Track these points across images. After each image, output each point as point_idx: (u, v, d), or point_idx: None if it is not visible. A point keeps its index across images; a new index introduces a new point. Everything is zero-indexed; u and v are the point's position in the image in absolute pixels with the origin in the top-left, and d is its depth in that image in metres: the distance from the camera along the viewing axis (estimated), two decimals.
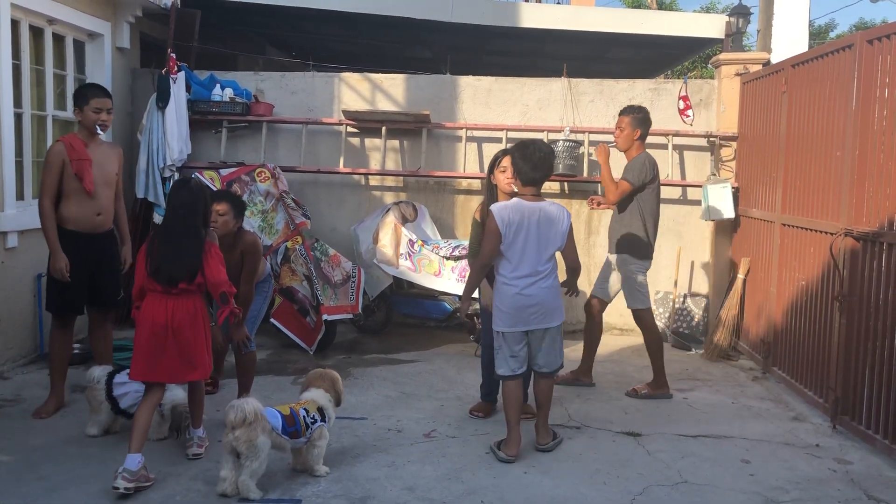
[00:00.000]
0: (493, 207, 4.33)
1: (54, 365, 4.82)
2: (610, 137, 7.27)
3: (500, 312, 4.32)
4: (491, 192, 4.87)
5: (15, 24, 5.72)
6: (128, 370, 4.15)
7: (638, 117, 5.59)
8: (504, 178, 4.75)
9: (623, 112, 5.66)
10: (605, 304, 5.73)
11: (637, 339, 7.16)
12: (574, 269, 4.47)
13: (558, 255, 4.38)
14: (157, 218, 6.88)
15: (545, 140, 7.21)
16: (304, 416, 3.81)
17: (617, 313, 7.42)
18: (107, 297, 4.91)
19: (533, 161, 4.30)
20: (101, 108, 4.74)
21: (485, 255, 4.35)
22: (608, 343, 7.06)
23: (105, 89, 4.91)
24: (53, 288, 4.73)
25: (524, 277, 4.27)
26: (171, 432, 4.37)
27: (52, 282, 4.70)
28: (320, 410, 3.93)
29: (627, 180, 5.45)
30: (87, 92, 4.80)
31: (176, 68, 6.95)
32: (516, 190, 4.47)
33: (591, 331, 5.74)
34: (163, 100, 6.82)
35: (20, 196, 5.83)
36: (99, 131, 4.76)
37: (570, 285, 4.51)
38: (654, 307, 7.32)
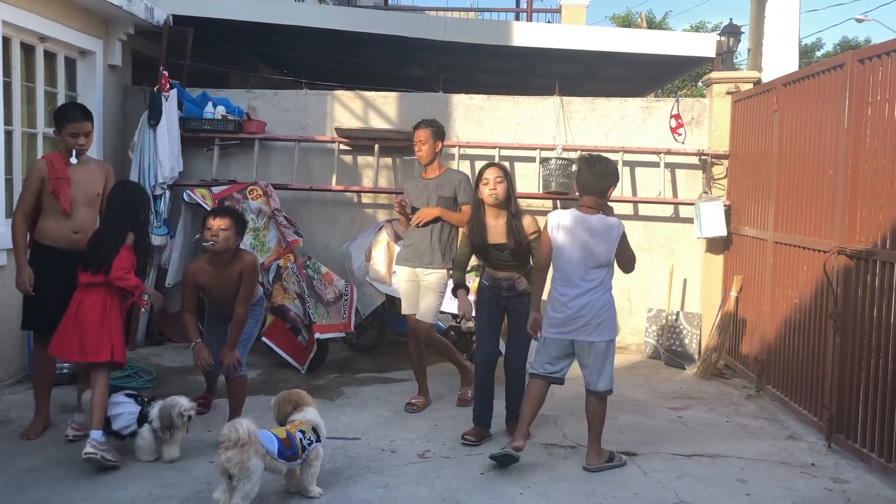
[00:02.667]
0: (550, 214, 4.54)
1: (37, 384, 4.77)
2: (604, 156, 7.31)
3: (546, 316, 4.49)
4: (478, 207, 4.85)
5: (6, 41, 5.71)
6: (123, 392, 4.41)
7: (438, 130, 5.58)
8: (487, 191, 4.76)
9: (423, 125, 5.56)
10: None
11: (630, 357, 7.16)
12: (627, 271, 4.58)
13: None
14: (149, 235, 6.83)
15: (537, 158, 7.23)
16: (300, 439, 3.77)
17: None
18: None
19: (594, 171, 4.42)
20: (78, 133, 4.65)
21: (539, 260, 4.58)
22: None
23: (84, 111, 4.79)
24: (28, 304, 4.70)
25: (569, 286, 4.38)
26: (163, 432, 4.24)
27: (28, 298, 4.67)
28: (315, 430, 3.89)
29: (469, 202, 5.25)
30: (64, 115, 4.71)
31: (168, 86, 6.94)
32: (498, 202, 4.76)
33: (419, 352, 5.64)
34: (154, 117, 6.80)
35: (9, 214, 5.78)
36: (74, 160, 4.65)
37: None
38: (646, 325, 7.33)
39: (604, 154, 7.30)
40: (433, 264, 5.39)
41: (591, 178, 4.40)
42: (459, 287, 4.99)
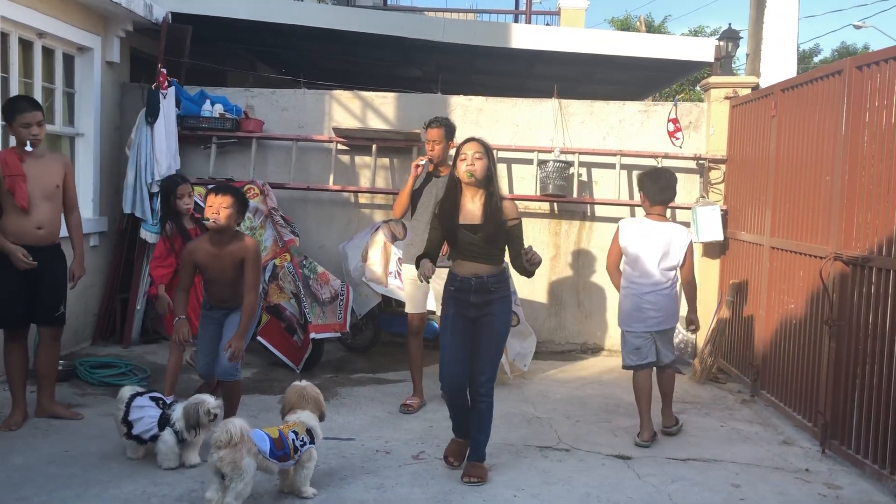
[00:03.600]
0: (620, 223, 5.13)
1: (11, 378, 4.79)
2: (601, 159, 7.32)
3: (623, 314, 5.08)
4: (454, 185, 4.25)
5: (4, 36, 5.69)
6: (147, 394, 4.36)
7: (450, 129, 5.56)
8: (464, 168, 4.18)
9: (435, 123, 5.50)
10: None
11: None
12: (686, 285, 5.16)
13: None
14: (144, 233, 6.83)
15: (535, 160, 7.23)
16: (293, 440, 3.76)
17: (606, 335, 7.43)
18: (44, 311, 4.80)
19: (660, 184, 5.04)
20: (31, 123, 4.57)
21: (608, 265, 5.19)
22: (597, 365, 7.05)
23: (34, 101, 4.76)
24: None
25: (646, 286, 4.98)
26: (188, 431, 4.12)
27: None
28: (309, 432, 3.88)
29: None
30: (13, 106, 4.63)
31: (166, 83, 6.92)
32: (475, 179, 4.13)
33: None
34: (152, 115, 6.78)
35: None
36: (29, 148, 4.58)
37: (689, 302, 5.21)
38: (673, 343, 7.30)
39: (602, 157, 7.35)
40: (442, 263, 5.30)
41: (655, 191, 5.04)
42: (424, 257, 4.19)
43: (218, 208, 4.37)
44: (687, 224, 7.15)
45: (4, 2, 5.52)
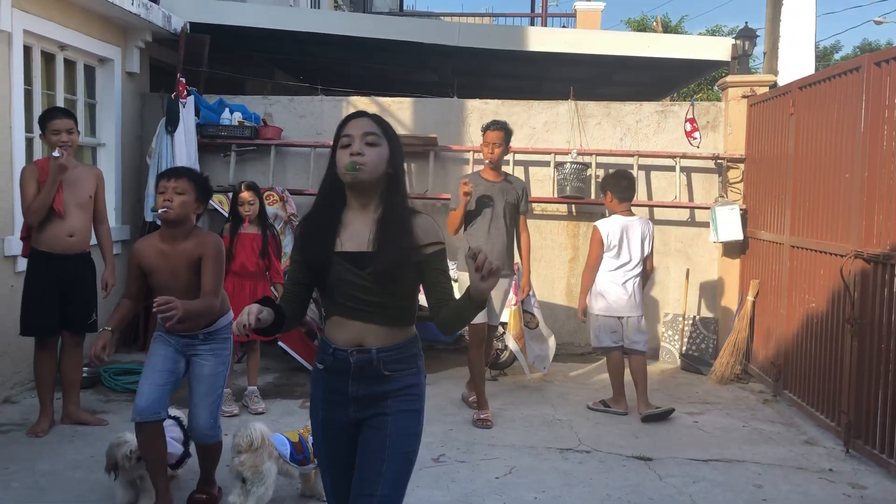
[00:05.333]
0: (597, 223, 5.58)
1: (41, 385, 4.86)
2: (618, 160, 7.30)
3: (604, 301, 5.52)
4: (330, 185, 2.89)
5: (27, 49, 5.78)
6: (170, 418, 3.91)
7: (509, 132, 5.42)
8: (346, 157, 4.02)
9: (494, 126, 5.36)
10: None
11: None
12: (651, 272, 5.72)
13: None
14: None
15: (552, 162, 7.23)
16: (312, 443, 3.78)
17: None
18: (75, 319, 4.90)
19: (623, 184, 5.61)
20: (60, 130, 4.69)
21: (593, 263, 5.56)
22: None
23: (64, 110, 4.94)
24: (26, 311, 4.78)
25: (628, 274, 5.51)
26: (108, 472, 3.75)
27: (26, 305, 4.75)
28: None
29: (526, 212, 5.57)
30: (44, 116, 4.80)
31: (185, 92, 7.00)
32: (363, 177, 2.41)
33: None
34: (172, 124, 6.86)
35: None
36: (56, 154, 4.65)
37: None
38: (662, 329, 7.31)
39: (619, 158, 7.35)
40: (504, 270, 5.28)
41: (620, 190, 5.59)
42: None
43: (171, 194, 3.52)
44: (706, 224, 7.14)
45: (27, 16, 5.62)
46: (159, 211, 3.52)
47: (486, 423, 5.17)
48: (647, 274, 5.67)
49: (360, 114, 2.48)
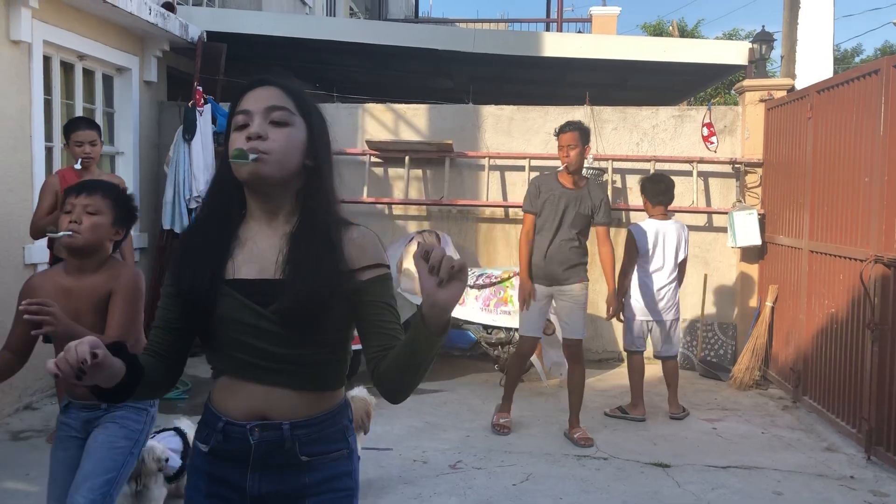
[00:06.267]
0: (630, 227, 5.65)
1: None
2: (635, 165, 7.28)
3: (638, 305, 5.57)
4: (219, 189, 2.78)
5: (47, 59, 5.85)
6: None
7: (585, 132, 5.08)
8: (240, 139, 4.26)
9: (568, 128, 5.04)
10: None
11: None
12: (683, 275, 5.71)
13: None
14: None
15: None
16: None
17: None
18: None
19: (660, 187, 5.66)
20: (83, 141, 4.72)
21: (628, 268, 5.60)
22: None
23: (89, 121, 4.96)
24: None
25: (662, 279, 5.56)
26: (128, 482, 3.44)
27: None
28: None
29: (607, 224, 5.19)
30: (68, 126, 4.85)
31: (202, 101, 7.05)
32: (261, 172, 2.11)
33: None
34: (189, 132, 6.92)
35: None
36: (78, 166, 4.71)
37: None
38: (680, 335, 7.26)
39: (635, 163, 7.33)
40: (572, 279, 5.04)
41: (656, 194, 5.66)
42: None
43: (80, 214, 2.67)
44: (724, 229, 7.09)
45: (47, 27, 5.69)
46: (60, 234, 2.66)
47: (503, 429, 5.12)
48: (681, 278, 5.70)
49: (264, 81, 1.75)
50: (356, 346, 5.88)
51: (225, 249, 1.69)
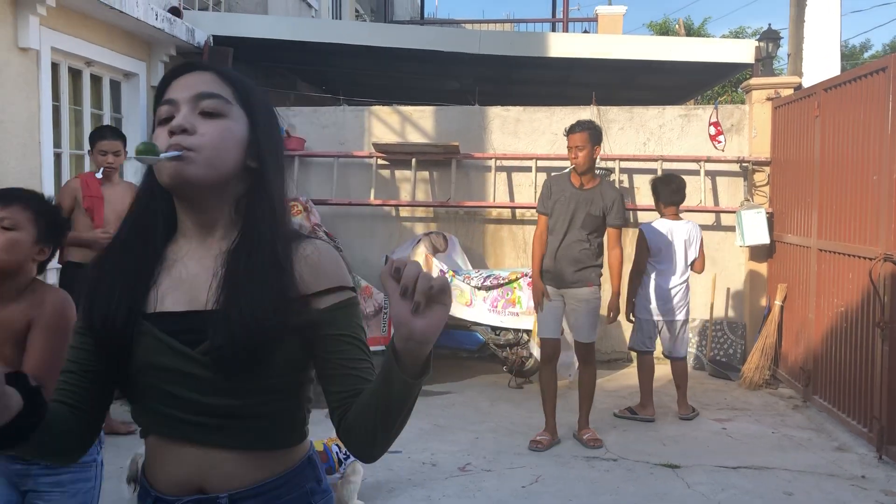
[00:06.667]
0: (642, 227, 5.66)
1: None
2: (641, 165, 7.26)
3: (650, 305, 5.57)
4: (147, 199, 2.96)
5: (55, 66, 5.88)
6: None
7: (596, 133, 4.96)
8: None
9: (578, 128, 4.93)
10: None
11: None
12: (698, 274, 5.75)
13: None
14: None
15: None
16: (336, 452, 3.81)
17: None
18: None
19: (671, 187, 5.67)
20: (107, 151, 4.83)
21: (640, 267, 5.60)
22: None
23: (115, 131, 5.05)
24: None
25: (674, 278, 5.56)
26: (129, 483, 3.69)
27: None
28: None
29: (619, 226, 5.04)
30: (94, 134, 4.93)
31: None
32: (186, 175, 2.37)
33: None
34: None
35: None
36: (99, 175, 4.79)
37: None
38: (689, 335, 7.24)
39: (643, 163, 7.31)
40: (580, 282, 4.93)
41: (668, 193, 5.66)
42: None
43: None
44: (732, 228, 7.07)
45: (55, 33, 5.72)
46: None
47: (538, 444, 4.89)
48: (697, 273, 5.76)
49: (193, 65, 1.41)
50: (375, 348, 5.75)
51: (147, 274, 1.34)
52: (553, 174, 5.57)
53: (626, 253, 5.26)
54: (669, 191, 5.67)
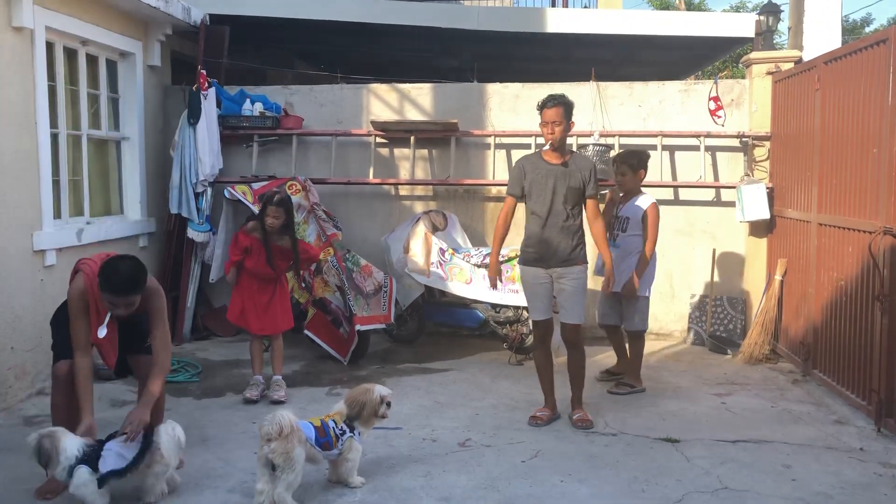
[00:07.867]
0: (654, 200, 5.67)
1: (84, 392, 3.99)
2: (641, 140, 7.22)
3: (652, 282, 5.76)
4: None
5: (50, 46, 5.84)
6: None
7: (569, 107, 4.87)
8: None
9: (552, 102, 4.83)
10: None
11: (673, 343, 7.09)
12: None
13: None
14: (191, 232, 6.99)
15: (574, 144, 7.17)
16: (333, 428, 3.84)
17: (652, 318, 7.35)
18: (130, 344, 4.23)
19: (644, 158, 5.81)
20: (116, 305, 3.88)
21: (655, 241, 5.64)
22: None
23: (125, 286, 3.83)
24: (63, 337, 4.08)
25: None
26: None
27: (63, 331, 4.09)
28: (348, 422, 3.93)
29: (596, 197, 4.95)
30: (108, 281, 3.82)
31: (206, 84, 7.04)
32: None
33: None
34: (194, 116, 6.92)
35: (57, 215, 5.94)
36: (101, 333, 4.00)
37: None
38: (689, 311, 7.24)
39: (642, 139, 7.28)
40: (569, 261, 4.87)
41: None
42: None
43: None
44: (732, 204, 7.05)
45: (49, 12, 5.67)
46: None
47: (538, 420, 4.90)
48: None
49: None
50: (367, 327, 5.84)
51: None
52: (524, 155, 5.31)
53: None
54: (645, 161, 5.82)
